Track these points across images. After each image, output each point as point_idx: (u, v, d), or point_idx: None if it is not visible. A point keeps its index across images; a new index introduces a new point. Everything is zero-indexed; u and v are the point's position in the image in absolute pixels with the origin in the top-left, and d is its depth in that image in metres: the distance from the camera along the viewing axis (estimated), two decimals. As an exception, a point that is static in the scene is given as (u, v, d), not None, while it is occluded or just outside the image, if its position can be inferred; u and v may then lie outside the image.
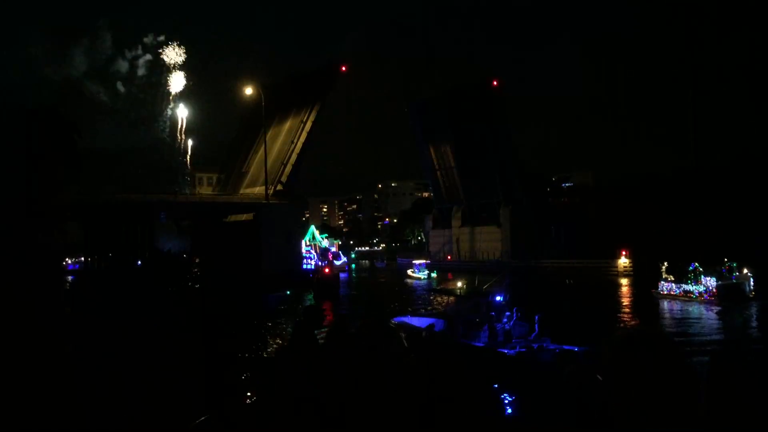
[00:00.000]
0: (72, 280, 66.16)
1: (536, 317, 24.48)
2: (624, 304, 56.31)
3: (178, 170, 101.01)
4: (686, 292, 53.07)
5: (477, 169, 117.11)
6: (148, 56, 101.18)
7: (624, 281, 77.86)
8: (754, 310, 47.57)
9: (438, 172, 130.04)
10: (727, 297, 49.90)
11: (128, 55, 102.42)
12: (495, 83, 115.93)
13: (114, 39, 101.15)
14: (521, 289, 45.52)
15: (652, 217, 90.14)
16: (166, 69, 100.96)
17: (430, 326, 27.63)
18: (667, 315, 48.76)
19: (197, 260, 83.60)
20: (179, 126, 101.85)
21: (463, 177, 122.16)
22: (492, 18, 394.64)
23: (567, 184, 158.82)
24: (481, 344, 23.73)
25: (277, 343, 31.91)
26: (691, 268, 53.61)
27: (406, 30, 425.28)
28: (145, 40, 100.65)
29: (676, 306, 51.46)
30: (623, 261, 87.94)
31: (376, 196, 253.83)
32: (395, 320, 31.74)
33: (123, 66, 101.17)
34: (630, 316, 48.35)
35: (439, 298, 58.91)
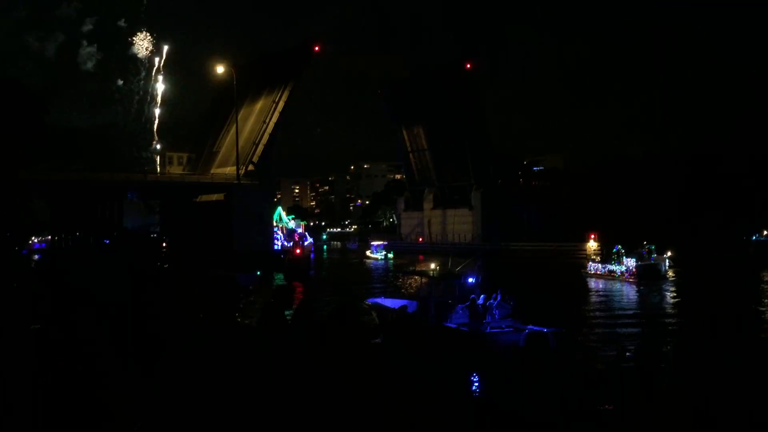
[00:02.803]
0: (38, 258, 64.95)
1: (508, 300, 24.71)
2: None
3: (147, 149, 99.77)
4: (610, 271, 58.44)
5: (449, 151, 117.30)
6: (118, 31, 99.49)
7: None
8: (666, 287, 52.93)
9: (411, 155, 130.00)
10: (644, 276, 55.25)
11: (97, 29, 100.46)
12: (469, 66, 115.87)
13: (82, 14, 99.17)
14: (492, 272, 46.32)
15: (619, 201, 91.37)
16: (137, 48, 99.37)
17: (403, 307, 27.85)
18: (593, 291, 53.61)
19: (166, 240, 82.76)
20: (150, 104, 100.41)
21: (435, 159, 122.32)
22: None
23: (537, 168, 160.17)
24: (453, 325, 23.93)
25: (246, 324, 31.89)
26: (614, 249, 59.13)
27: (379, 9, 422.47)
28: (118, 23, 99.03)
29: (601, 284, 56.72)
30: (592, 244, 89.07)
31: (348, 177, 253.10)
32: (369, 301, 31.95)
33: (92, 41, 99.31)
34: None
35: (411, 280, 59.21)
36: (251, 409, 3.84)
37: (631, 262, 56.83)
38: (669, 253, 60.26)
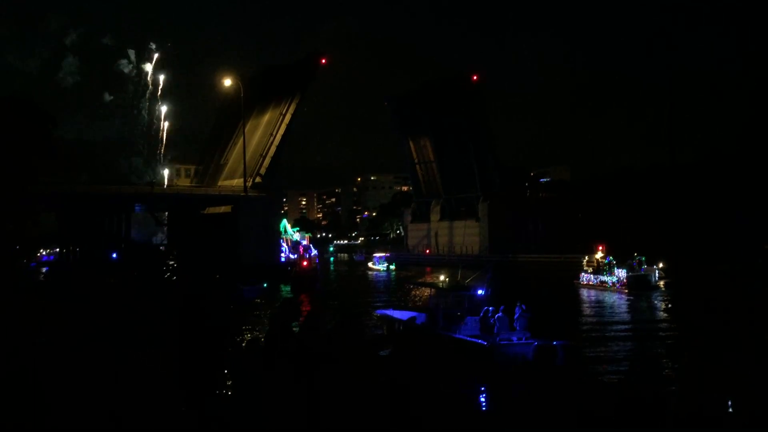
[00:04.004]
0: (46, 271, 65.16)
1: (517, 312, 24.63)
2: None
3: (155, 162, 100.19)
4: (602, 282, 59.99)
5: (456, 163, 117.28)
6: (125, 47, 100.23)
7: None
8: (656, 297, 53.93)
9: (417, 166, 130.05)
10: (635, 286, 56.46)
11: (106, 46, 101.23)
12: (475, 78, 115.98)
13: (89, 29, 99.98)
14: (503, 284, 46.29)
15: (626, 213, 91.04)
16: (144, 61, 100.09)
17: (412, 319, 27.72)
18: (585, 301, 54.16)
19: (174, 252, 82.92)
20: (157, 117, 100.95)
21: (442, 171, 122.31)
22: (473, 10, 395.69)
23: (544, 180, 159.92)
24: (461, 336, 23.86)
25: (253, 337, 31.83)
26: (606, 261, 60.80)
27: (387, 21, 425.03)
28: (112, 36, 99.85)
29: (593, 294, 57.58)
30: (599, 256, 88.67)
31: (355, 189, 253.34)
32: (378, 312, 32.09)
33: (100, 57, 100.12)
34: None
35: (419, 291, 59.14)
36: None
37: (622, 273, 58.17)
38: (660, 264, 61.71)
